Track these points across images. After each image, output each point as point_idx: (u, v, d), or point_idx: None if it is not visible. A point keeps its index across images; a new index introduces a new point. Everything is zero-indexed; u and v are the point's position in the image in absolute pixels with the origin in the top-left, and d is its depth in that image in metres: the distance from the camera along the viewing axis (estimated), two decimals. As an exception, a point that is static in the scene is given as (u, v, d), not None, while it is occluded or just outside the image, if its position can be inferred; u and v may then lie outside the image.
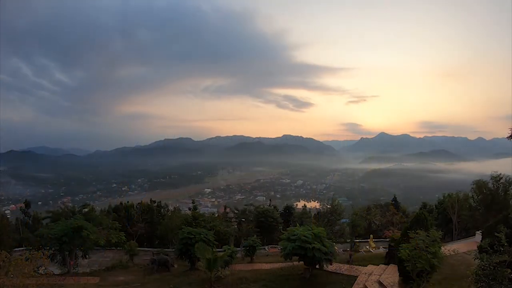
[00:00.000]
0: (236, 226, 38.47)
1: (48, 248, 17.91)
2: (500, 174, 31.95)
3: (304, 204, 63.79)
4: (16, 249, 29.04)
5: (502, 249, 11.61)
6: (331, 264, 19.70)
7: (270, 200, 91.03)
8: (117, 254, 30.38)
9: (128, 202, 43.57)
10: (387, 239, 29.02)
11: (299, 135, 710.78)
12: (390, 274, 18.52)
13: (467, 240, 27.31)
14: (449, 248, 17.23)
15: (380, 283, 17.41)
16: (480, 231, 23.66)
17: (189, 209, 46.41)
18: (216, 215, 44.18)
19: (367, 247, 32.56)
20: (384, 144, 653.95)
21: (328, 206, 34.05)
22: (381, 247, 32.29)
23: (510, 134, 19.13)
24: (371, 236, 34.40)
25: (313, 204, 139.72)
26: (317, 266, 19.06)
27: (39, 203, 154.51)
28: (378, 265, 20.80)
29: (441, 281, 16.68)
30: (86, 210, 31.84)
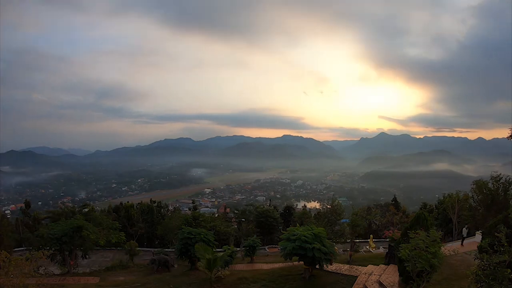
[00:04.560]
0: (236, 226, 38.50)
1: (48, 248, 17.92)
2: (500, 174, 31.95)
3: (304, 204, 64.07)
4: (16, 249, 29.07)
5: (502, 249, 11.59)
6: (331, 264, 19.67)
7: (270, 200, 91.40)
8: (117, 254, 30.41)
9: (128, 202, 43.70)
10: (387, 239, 28.94)
11: (299, 135, 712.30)
12: (390, 274, 18.51)
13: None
14: (449, 248, 17.23)
15: (380, 283, 17.40)
16: (480, 231, 23.69)
17: (189, 209, 46.64)
18: (216, 215, 44.29)
19: (367, 247, 32.56)
20: (384, 144, 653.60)
21: (328, 206, 33.99)
22: (381, 247, 32.30)
23: (510, 134, 19.18)
24: (371, 236, 34.41)
25: (313, 204, 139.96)
26: (317, 266, 19.02)
27: (39, 203, 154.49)
28: (378, 265, 20.75)
29: (441, 281, 16.67)
30: (86, 210, 31.97)
